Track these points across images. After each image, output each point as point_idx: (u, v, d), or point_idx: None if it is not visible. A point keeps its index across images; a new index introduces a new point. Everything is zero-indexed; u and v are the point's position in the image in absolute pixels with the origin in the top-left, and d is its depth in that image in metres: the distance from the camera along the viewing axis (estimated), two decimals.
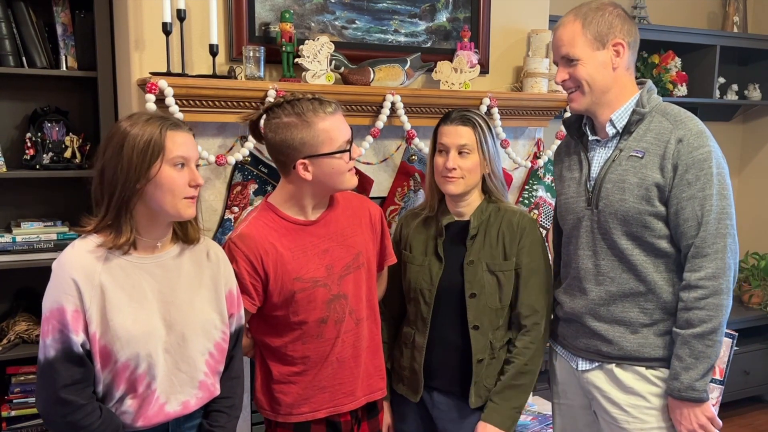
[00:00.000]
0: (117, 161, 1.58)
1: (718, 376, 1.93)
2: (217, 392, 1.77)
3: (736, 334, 1.99)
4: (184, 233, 1.73)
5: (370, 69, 2.66)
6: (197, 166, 1.67)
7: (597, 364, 1.97)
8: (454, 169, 2.00)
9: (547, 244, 3.15)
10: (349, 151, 1.88)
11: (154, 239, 1.66)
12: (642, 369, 1.91)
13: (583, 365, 2.01)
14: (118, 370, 1.60)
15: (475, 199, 2.08)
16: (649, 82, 1.95)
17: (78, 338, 1.54)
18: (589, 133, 1.98)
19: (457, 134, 2.01)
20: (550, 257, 3.16)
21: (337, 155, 1.86)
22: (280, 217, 1.92)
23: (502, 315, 2.06)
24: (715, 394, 1.93)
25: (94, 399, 1.59)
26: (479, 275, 2.02)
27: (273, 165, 2.55)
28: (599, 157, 1.95)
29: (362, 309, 2.00)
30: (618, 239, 1.88)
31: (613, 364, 1.94)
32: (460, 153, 2.01)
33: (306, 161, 1.85)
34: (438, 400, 2.10)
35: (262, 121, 1.93)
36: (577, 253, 1.97)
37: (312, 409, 1.96)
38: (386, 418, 2.17)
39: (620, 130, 1.91)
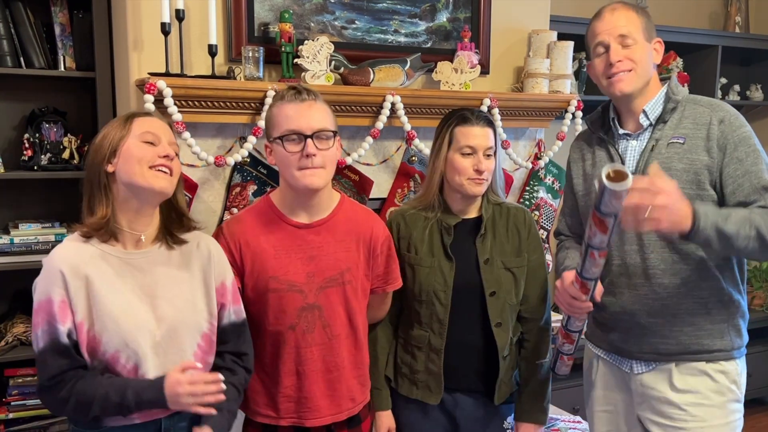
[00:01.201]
0: (91, 150, 1.67)
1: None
2: None
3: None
4: (171, 223, 1.74)
5: (370, 69, 2.65)
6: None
7: (653, 365, 1.93)
8: (485, 171, 2.00)
9: (547, 246, 3.16)
10: (282, 139, 1.80)
11: (136, 230, 1.68)
12: (702, 364, 1.88)
13: (638, 368, 1.96)
14: (107, 362, 1.62)
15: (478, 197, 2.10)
16: (674, 76, 1.98)
17: (64, 328, 1.57)
18: (618, 126, 1.98)
19: (485, 137, 2.02)
20: (549, 259, 3.17)
21: (280, 143, 1.80)
22: (273, 212, 1.91)
23: (516, 310, 2.09)
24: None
25: (80, 371, 1.60)
26: (496, 273, 2.04)
27: (272, 166, 2.55)
28: (632, 150, 1.94)
29: (339, 326, 1.93)
30: None
31: (672, 364, 1.90)
32: (486, 156, 2.02)
33: (269, 145, 1.88)
34: (462, 401, 2.09)
35: None
36: (623, 249, 1.92)
37: (277, 414, 1.93)
38: (387, 423, 2.14)
39: (653, 121, 1.91)
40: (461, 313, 2.04)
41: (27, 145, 2.72)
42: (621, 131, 1.96)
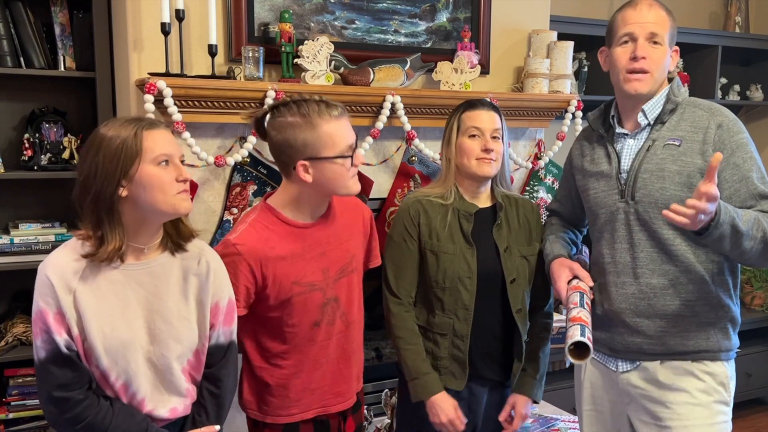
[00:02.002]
0: (93, 168, 1.54)
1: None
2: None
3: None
4: (177, 231, 1.69)
5: (370, 69, 2.64)
6: (182, 161, 1.64)
7: (638, 363, 1.93)
8: (493, 150, 2.06)
9: None
10: (351, 157, 1.85)
11: (142, 244, 1.63)
12: (687, 363, 1.88)
13: (623, 366, 1.96)
14: (98, 379, 1.61)
15: (488, 186, 2.17)
16: (677, 77, 1.97)
17: (62, 339, 1.54)
18: (616, 125, 1.97)
19: (491, 120, 2.09)
20: None
21: (339, 160, 1.83)
22: (279, 219, 1.90)
23: (529, 296, 2.17)
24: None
25: (92, 394, 1.59)
26: (515, 261, 2.11)
27: (272, 166, 2.55)
28: (629, 149, 1.93)
29: (353, 312, 2.02)
30: (659, 229, 1.84)
31: (657, 362, 1.90)
32: (493, 138, 2.08)
33: (306, 163, 1.82)
34: (476, 390, 2.13)
35: (267, 120, 1.92)
36: (613, 247, 1.93)
37: (301, 410, 1.97)
38: (450, 401, 2.07)
39: (651, 121, 1.91)
40: (484, 299, 2.09)
41: (27, 145, 2.72)
42: (619, 130, 1.96)
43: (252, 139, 2.45)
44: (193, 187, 2.43)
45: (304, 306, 1.90)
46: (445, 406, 2.06)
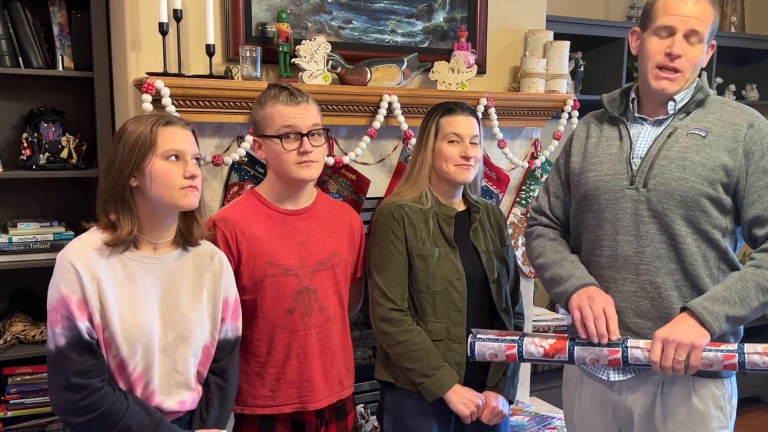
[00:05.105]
0: (113, 159, 1.65)
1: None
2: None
3: None
4: (189, 230, 1.74)
5: (367, 69, 2.66)
6: (197, 159, 1.71)
7: (631, 374, 1.80)
8: (472, 157, 2.08)
9: None
10: (280, 138, 1.91)
11: (155, 239, 1.69)
12: (686, 386, 1.77)
13: (614, 375, 1.82)
14: (116, 367, 1.63)
15: (462, 191, 2.20)
16: (704, 75, 1.92)
17: (84, 326, 1.58)
18: (636, 108, 1.85)
19: (470, 125, 2.11)
20: None
21: (275, 140, 1.92)
22: (261, 202, 2.00)
23: (509, 296, 2.20)
24: None
25: (107, 385, 1.62)
26: (494, 262, 2.14)
27: (260, 159, 2.56)
28: (646, 134, 1.81)
29: (332, 308, 2.03)
30: (673, 222, 1.72)
31: (653, 383, 1.79)
32: (471, 144, 2.09)
33: (259, 140, 1.99)
34: None
35: None
36: (615, 239, 1.78)
37: (278, 403, 1.98)
38: (470, 394, 2.05)
39: (676, 110, 1.79)
40: (471, 301, 2.09)
41: (25, 145, 2.73)
42: (637, 114, 1.84)
43: (249, 138, 2.46)
44: None
45: (277, 289, 1.94)
46: (467, 393, 2.04)
